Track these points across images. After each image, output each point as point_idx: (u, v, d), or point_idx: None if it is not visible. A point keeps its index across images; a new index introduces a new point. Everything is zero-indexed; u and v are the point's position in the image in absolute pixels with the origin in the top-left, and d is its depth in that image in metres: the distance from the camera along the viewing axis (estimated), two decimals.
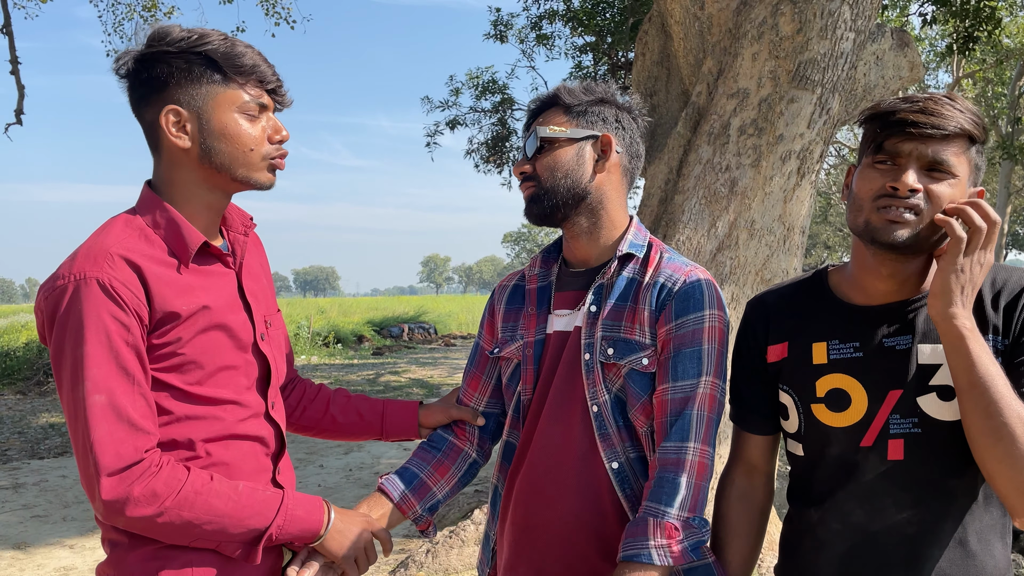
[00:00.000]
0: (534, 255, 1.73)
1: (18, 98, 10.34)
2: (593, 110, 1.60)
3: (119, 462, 1.25)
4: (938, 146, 1.28)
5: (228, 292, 1.46)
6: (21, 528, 5.57)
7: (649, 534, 1.40)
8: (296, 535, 1.40)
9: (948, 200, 1.29)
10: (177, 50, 1.37)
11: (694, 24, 4.47)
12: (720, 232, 4.13)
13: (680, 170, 4.36)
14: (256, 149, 1.43)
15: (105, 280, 1.29)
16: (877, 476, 1.34)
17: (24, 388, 12.70)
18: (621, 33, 11.52)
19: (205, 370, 1.39)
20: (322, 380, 14.07)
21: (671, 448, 1.45)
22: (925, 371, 1.32)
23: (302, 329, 21.06)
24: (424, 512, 1.66)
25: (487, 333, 1.77)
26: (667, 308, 1.50)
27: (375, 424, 1.74)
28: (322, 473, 7.31)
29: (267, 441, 1.50)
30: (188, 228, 1.40)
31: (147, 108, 1.41)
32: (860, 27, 4.12)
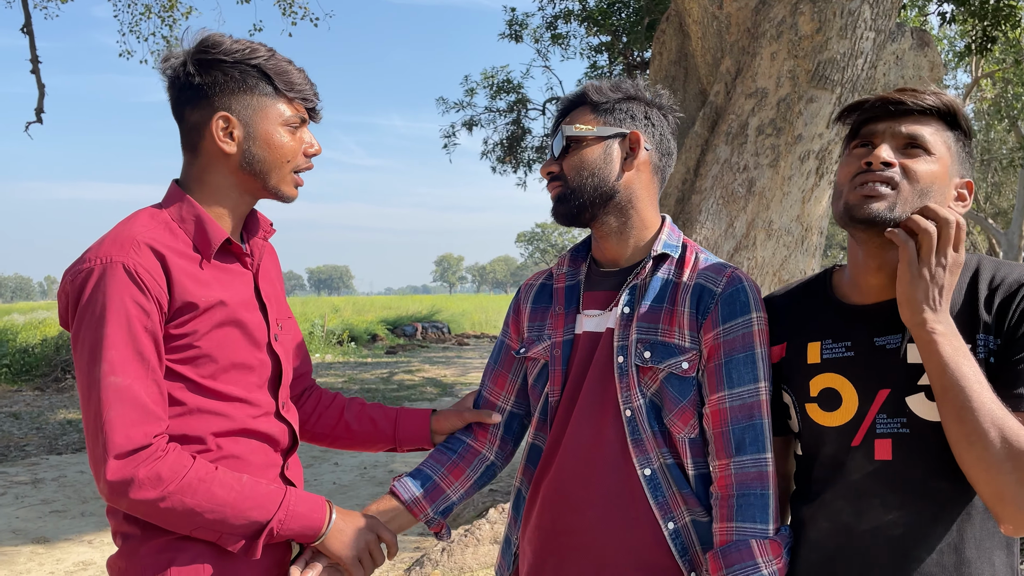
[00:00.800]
0: (562, 254, 1.70)
1: (38, 97, 10.44)
2: (621, 107, 1.56)
3: (128, 444, 1.28)
4: (912, 123, 1.30)
5: (245, 291, 1.50)
6: (40, 523, 5.62)
7: (757, 557, 1.36)
8: (297, 532, 1.41)
9: (926, 176, 1.28)
10: (233, 60, 1.43)
11: (712, 23, 4.46)
12: (738, 232, 4.12)
13: (698, 170, 4.35)
14: (292, 161, 1.50)
15: (130, 265, 1.32)
16: (865, 476, 1.32)
17: (42, 385, 12.81)
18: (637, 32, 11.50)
19: (219, 365, 1.42)
20: (336, 378, 14.12)
21: (748, 462, 1.40)
22: (913, 370, 1.30)
23: (316, 328, 21.15)
24: (436, 515, 1.64)
25: (512, 332, 1.73)
26: (712, 312, 1.45)
27: (388, 433, 1.74)
28: (337, 471, 7.34)
29: (277, 439, 1.52)
30: (213, 224, 1.45)
31: (194, 111, 1.45)
32: (880, 26, 4.10)
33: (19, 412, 10.43)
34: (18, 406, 11.01)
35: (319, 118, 1.57)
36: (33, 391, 12.43)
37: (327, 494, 6.48)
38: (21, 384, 12.95)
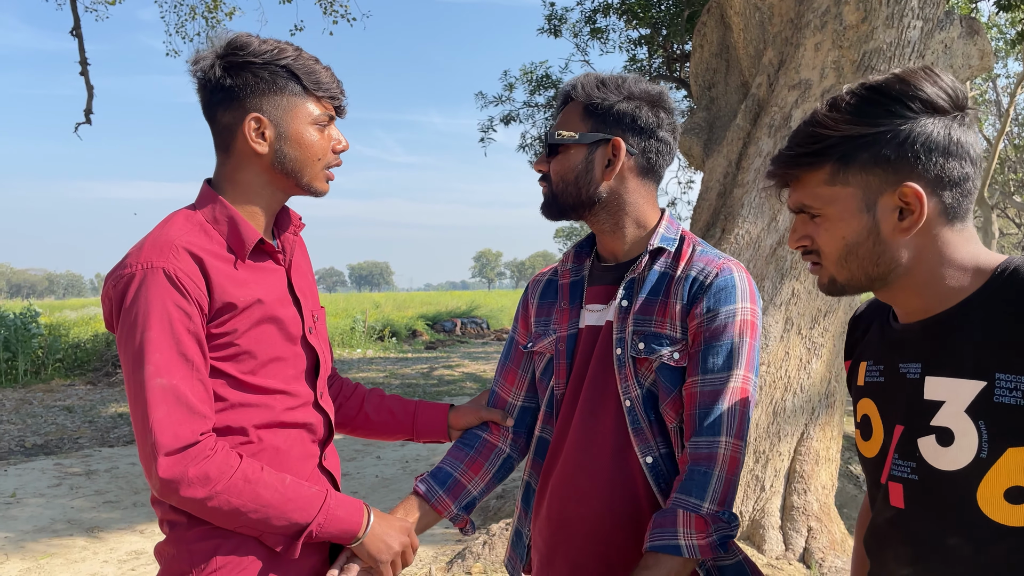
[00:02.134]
0: (567, 250, 1.73)
1: (87, 98, 10.69)
2: (607, 110, 1.55)
3: (176, 442, 1.31)
4: (795, 193, 1.20)
5: (279, 287, 1.53)
6: (94, 513, 5.78)
7: (678, 525, 1.40)
8: (335, 535, 1.44)
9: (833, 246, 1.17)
10: (262, 62, 1.46)
11: (755, 14, 4.40)
12: (780, 226, 4.07)
13: (739, 163, 4.30)
14: (323, 159, 1.53)
15: (170, 270, 1.36)
16: (884, 522, 1.20)
17: (94, 379, 13.16)
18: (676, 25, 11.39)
19: (258, 360, 1.46)
20: (377, 374, 14.26)
21: (702, 442, 1.45)
22: (928, 408, 1.12)
23: (358, 323, 21.36)
24: (460, 511, 1.67)
25: (521, 327, 1.78)
26: (699, 301, 1.49)
27: (406, 424, 1.78)
28: (379, 464, 7.42)
29: (315, 428, 1.56)
30: (246, 225, 1.48)
31: (226, 112, 1.48)
32: (928, 15, 4.01)
33: (72, 406, 10.73)
34: (71, 400, 11.32)
35: (345, 114, 1.60)
36: (85, 385, 12.77)
37: (369, 487, 6.56)
38: (74, 378, 13.31)
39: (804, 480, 4.17)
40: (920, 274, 1.14)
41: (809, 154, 1.16)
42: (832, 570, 3.96)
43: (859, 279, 1.18)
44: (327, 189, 1.57)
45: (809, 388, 4.15)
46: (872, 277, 1.17)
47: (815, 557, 4.04)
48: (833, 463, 4.31)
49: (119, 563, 4.76)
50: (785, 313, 4.08)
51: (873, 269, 1.15)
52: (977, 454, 1.06)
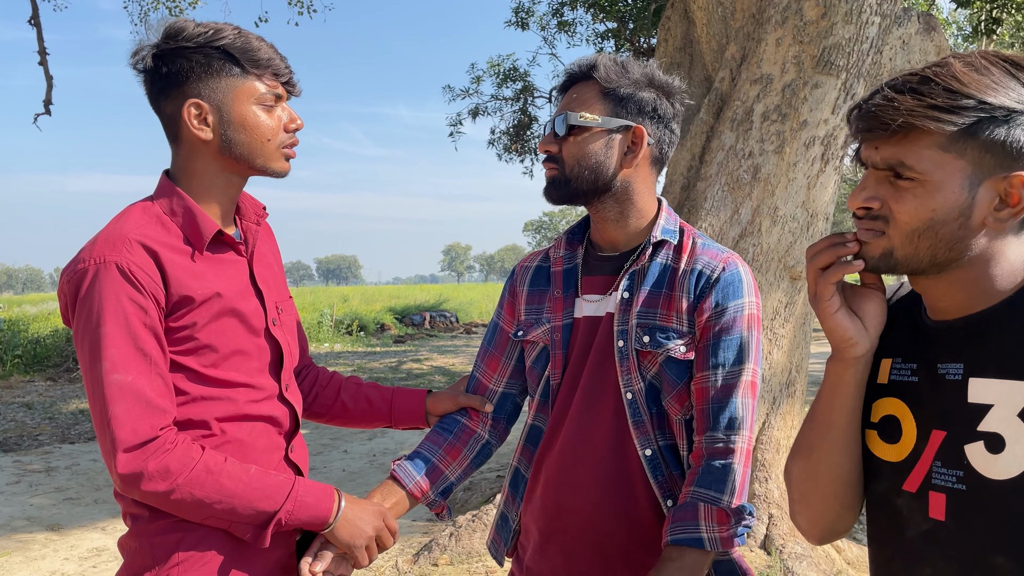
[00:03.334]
0: (558, 236, 1.71)
1: (47, 89, 10.48)
2: (630, 96, 1.52)
3: (135, 438, 1.31)
4: (892, 145, 1.05)
5: (240, 279, 1.52)
6: (55, 510, 5.69)
7: (700, 519, 1.40)
8: (305, 521, 1.43)
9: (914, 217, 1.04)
10: (195, 45, 1.42)
11: (717, 9, 4.45)
12: (743, 219, 4.13)
13: (703, 156, 4.35)
14: (273, 139, 1.49)
15: (124, 264, 1.35)
16: (920, 535, 1.09)
17: (54, 375, 12.93)
18: (643, 19, 11.45)
19: (219, 354, 1.45)
20: (345, 368, 14.19)
21: (720, 437, 1.45)
22: (975, 412, 1.04)
23: (325, 317, 21.22)
24: (437, 496, 1.66)
25: (507, 314, 1.74)
26: (707, 296, 1.49)
27: (384, 411, 1.77)
28: (346, 458, 7.40)
29: (280, 421, 1.55)
30: (203, 216, 1.46)
31: (167, 101, 1.46)
32: (886, 11, 4.08)
33: (32, 402, 10.53)
34: (31, 396, 11.11)
35: (298, 91, 1.56)
36: (45, 381, 12.54)
37: (336, 481, 6.54)
38: (33, 374, 13.06)
39: (765, 469, 4.24)
40: (975, 270, 1.07)
41: (941, 108, 1.00)
42: (792, 556, 4.03)
43: (922, 260, 1.06)
44: (287, 168, 1.54)
45: (770, 378, 4.22)
46: (936, 261, 1.06)
47: (776, 544, 4.12)
48: None
49: (80, 560, 4.70)
50: None
51: (943, 253, 1.05)
52: None
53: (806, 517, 1.24)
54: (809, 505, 1.22)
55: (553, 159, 1.56)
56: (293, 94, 1.55)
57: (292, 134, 1.53)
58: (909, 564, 1.11)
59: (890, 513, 1.14)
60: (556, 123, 1.55)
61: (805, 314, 4.33)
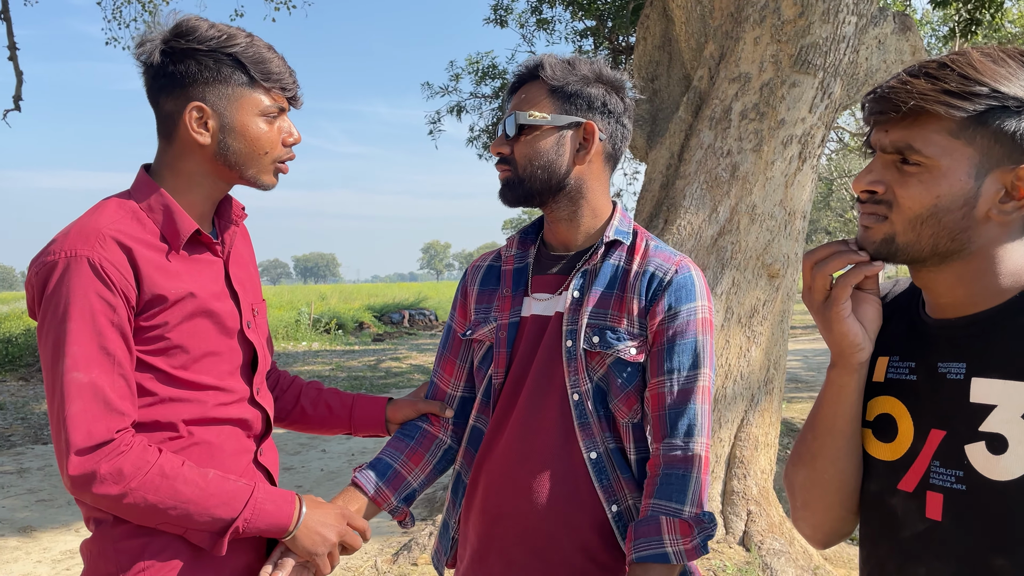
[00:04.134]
0: (511, 235, 1.68)
1: (16, 84, 10.32)
2: (578, 92, 1.51)
3: (89, 440, 1.27)
4: (902, 129, 1.04)
5: (215, 280, 1.49)
6: (27, 512, 5.60)
7: (663, 533, 1.39)
8: (264, 529, 1.40)
9: (918, 202, 1.03)
10: (207, 49, 1.40)
11: (696, 8, 4.46)
12: (721, 217, 4.14)
13: (682, 155, 4.36)
14: (271, 152, 1.48)
15: (95, 259, 1.31)
16: (915, 535, 1.08)
17: (26, 375, 12.73)
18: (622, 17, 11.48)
19: (190, 355, 1.42)
20: (323, 366, 14.11)
21: (678, 444, 1.43)
22: (977, 411, 1.03)
23: (303, 315, 21.09)
24: (400, 503, 1.62)
25: (459, 315, 1.71)
26: (660, 299, 1.47)
27: (344, 418, 1.74)
28: (325, 458, 7.35)
29: (251, 424, 1.52)
30: (182, 215, 1.43)
31: (168, 99, 1.43)
32: (862, 11, 4.11)
33: (3, 402, 10.36)
34: (2, 396, 10.93)
35: (300, 104, 1.55)
36: (17, 381, 12.35)
37: (315, 481, 6.50)
38: (5, 374, 12.86)
39: (744, 465, 4.26)
40: (978, 265, 1.05)
41: (953, 93, 1.00)
42: (771, 552, 4.06)
43: (923, 248, 1.05)
44: (275, 183, 1.51)
45: (749, 376, 4.24)
46: (937, 251, 1.05)
47: (754, 540, 4.14)
48: (772, 448, 4.41)
49: (53, 563, 4.63)
50: (725, 303, 4.15)
51: (945, 242, 1.04)
52: None
53: (810, 523, 1.23)
54: (813, 511, 1.21)
55: (505, 160, 1.54)
56: (295, 106, 1.54)
57: (289, 148, 1.51)
58: (903, 564, 1.10)
59: (884, 513, 1.13)
60: (506, 124, 1.53)
61: (783, 312, 4.36)
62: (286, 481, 6.48)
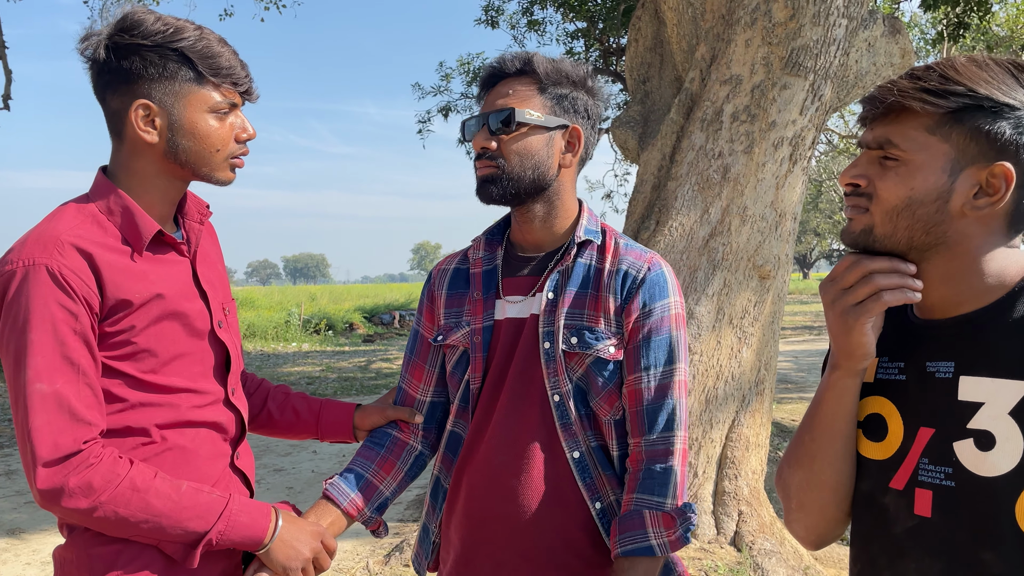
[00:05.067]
0: (476, 237, 1.67)
1: (5, 83, 10.25)
2: (567, 94, 1.52)
3: (56, 452, 1.25)
4: (883, 127, 1.10)
5: (183, 280, 1.46)
6: (15, 514, 5.57)
7: (647, 526, 1.41)
8: (238, 542, 1.38)
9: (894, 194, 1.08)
10: (152, 44, 1.35)
11: (687, 10, 4.48)
12: (713, 218, 4.16)
13: (673, 156, 4.37)
14: (222, 149, 1.43)
15: (54, 268, 1.27)
16: (905, 532, 1.11)
17: None
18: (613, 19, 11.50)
19: (159, 358, 1.39)
20: (313, 367, 14.07)
21: (658, 439, 1.46)
22: (964, 409, 1.06)
23: (293, 316, 21.02)
24: (373, 513, 1.61)
25: (427, 320, 1.69)
26: (635, 296, 1.48)
27: (311, 424, 1.72)
28: (315, 459, 7.33)
29: (226, 427, 1.50)
30: (143, 216, 1.39)
31: (114, 96, 1.39)
32: (852, 13, 4.14)
33: None
34: None
35: (255, 99, 1.49)
36: (3, 382, 12.27)
37: (305, 482, 6.48)
38: None
39: (735, 466, 4.28)
40: (960, 264, 1.09)
41: (931, 92, 1.05)
42: (762, 552, 4.08)
43: (899, 240, 1.10)
44: (232, 178, 1.48)
45: (740, 376, 4.26)
46: (913, 243, 1.09)
47: (745, 540, 4.16)
48: (763, 449, 4.43)
49: (42, 565, 4.60)
50: (717, 303, 4.17)
51: (920, 235, 1.08)
52: (1022, 460, 1.00)
53: (804, 524, 1.24)
54: (808, 513, 1.22)
55: (490, 157, 1.50)
56: (250, 100, 1.49)
57: (243, 144, 1.47)
58: (893, 560, 1.12)
59: (876, 511, 1.16)
60: (491, 119, 1.50)
61: (774, 313, 4.38)
62: (276, 482, 6.46)
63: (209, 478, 1.45)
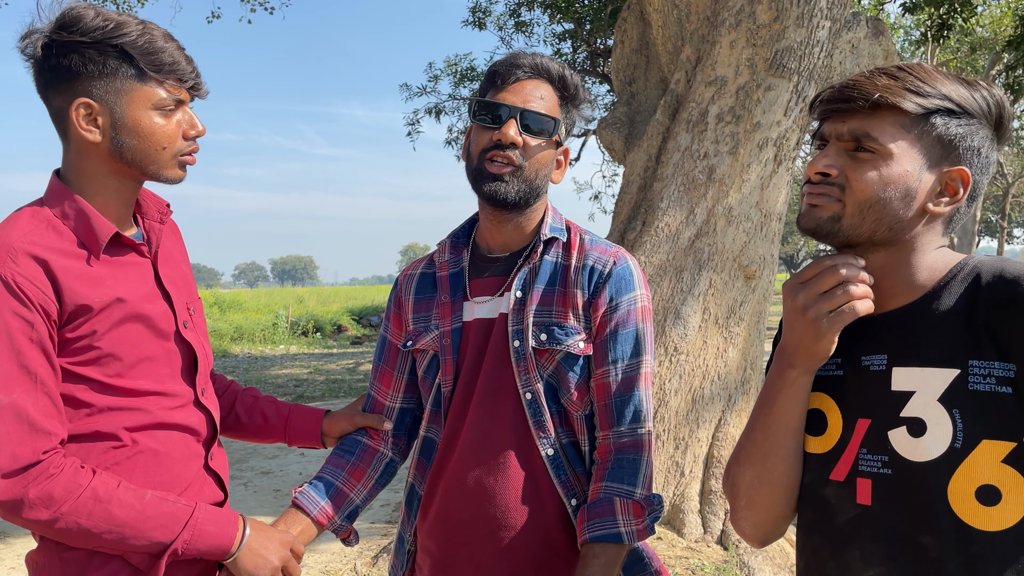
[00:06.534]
0: (441, 241, 1.67)
1: None
2: (571, 115, 1.57)
3: (14, 463, 1.23)
4: (859, 120, 1.12)
5: (144, 282, 1.43)
6: None
7: (617, 513, 1.42)
8: (204, 551, 1.36)
9: (871, 185, 1.10)
10: (91, 40, 1.31)
11: (672, 12, 4.50)
12: (698, 219, 4.18)
13: (659, 157, 4.39)
14: (169, 147, 1.40)
15: (7, 276, 1.26)
16: (848, 521, 1.15)
17: None
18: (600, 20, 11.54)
19: (124, 362, 1.37)
20: (301, 369, 14.03)
21: (626, 431, 1.47)
22: (897, 399, 1.11)
23: (280, 319, 20.96)
24: (343, 521, 1.60)
25: (394, 327, 1.68)
26: (601, 291, 1.50)
27: (279, 428, 1.70)
28: (303, 462, 7.31)
29: (197, 428, 1.48)
30: (98, 219, 1.37)
31: (55, 95, 1.36)
32: (836, 15, 4.17)
33: None
34: None
35: (204, 94, 1.46)
36: None
37: (293, 485, 6.46)
38: None
39: (722, 465, 4.30)
40: (900, 257, 1.14)
41: (911, 91, 1.10)
42: (748, 551, 4.10)
43: (863, 232, 1.12)
44: (182, 176, 1.44)
45: (726, 376, 4.28)
46: (874, 238, 1.13)
47: (732, 539, 4.18)
48: None
49: None
50: (703, 304, 4.19)
51: (884, 231, 1.12)
52: (951, 444, 1.04)
53: (752, 522, 1.26)
54: (757, 510, 1.24)
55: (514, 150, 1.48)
56: (199, 96, 1.46)
57: (192, 141, 1.44)
58: (837, 550, 1.15)
59: (818, 503, 1.19)
60: (531, 118, 1.48)
61: (759, 312, 4.40)
62: (264, 485, 6.44)
63: (183, 480, 1.44)
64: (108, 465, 1.36)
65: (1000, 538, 1.03)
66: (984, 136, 1.13)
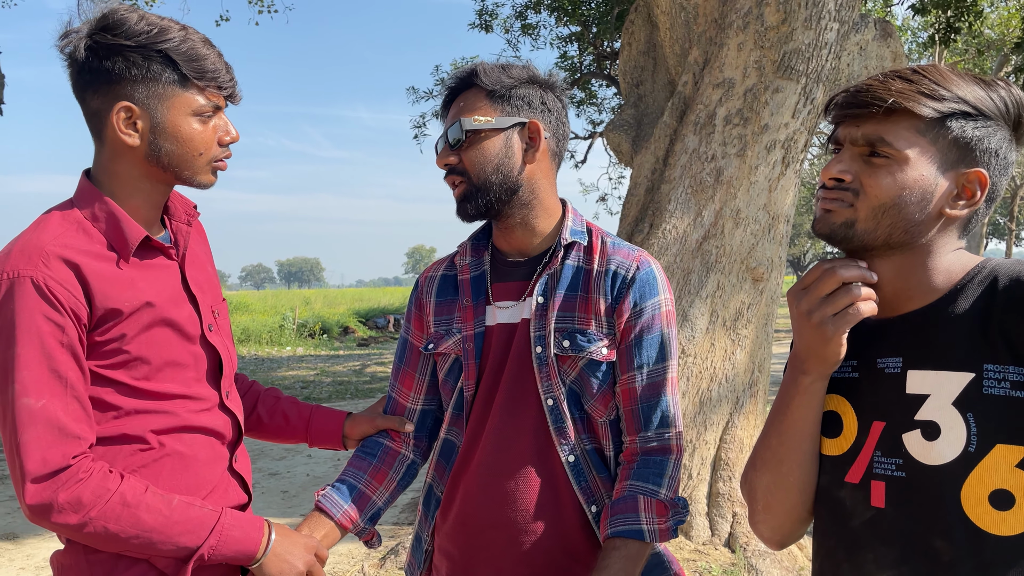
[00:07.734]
0: (462, 243, 1.66)
1: None
2: (516, 94, 1.50)
3: (44, 468, 1.24)
4: (874, 125, 1.11)
5: (172, 286, 1.43)
6: (10, 519, 5.55)
7: (640, 511, 1.41)
8: (231, 556, 1.36)
9: (886, 191, 1.09)
10: (136, 44, 1.31)
11: (680, 14, 4.50)
12: (706, 221, 4.18)
13: (667, 159, 4.39)
14: (205, 153, 1.41)
15: (40, 280, 1.25)
16: (862, 524, 1.14)
17: None
18: (606, 23, 11.54)
19: (152, 365, 1.37)
20: (308, 371, 14.05)
21: (654, 436, 1.47)
22: (912, 402, 1.11)
23: (287, 320, 21.00)
24: (366, 524, 1.60)
25: (416, 328, 1.67)
26: (625, 296, 1.48)
27: (300, 430, 1.71)
28: (310, 463, 7.33)
29: (222, 431, 1.49)
30: (129, 222, 1.37)
31: (94, 97, 1.35)
32: (844, 17, 4.17)
33: None
34: None
35: (238, 101, 1.47)
36: None
37: (300, 486, 6.47)
38: None
39: (729, 468, 4.29)
40: (916, 259, 1.14)
41: (926, 95, 1.09)
42: (756, 553, 4.09)
43: (878, 237, 1.12)
44: (213, 181, 1.45)
45: (734, 378, 4.27)
46: (890, 241, 1.12)
47: (740, 541, 4.17)
48: None
49: (36, 570, 4.59)
50: (711, 306, 4.19)
51: (900, 234, 1.11)
52: (965, 448, 1.04)
53: (770, 525, 1.26)
54: (775, 514, 1.25)
55: (456, 172, 1.50)
56: (233, 103, 1.47)
57: (226, 147, 1.45)
58: (851, 552, 1.15)
59: (833, 505, 1.19)
60: (449, 134, 1.50)
61: (767, 315, 4.40)
62: (271, 487, 6.45)
63: (208, 483, 1.44)
64: (135, 468, 1.36)
65: (1013, 542, 1.03)
66: (1002, 137, 1.12)
